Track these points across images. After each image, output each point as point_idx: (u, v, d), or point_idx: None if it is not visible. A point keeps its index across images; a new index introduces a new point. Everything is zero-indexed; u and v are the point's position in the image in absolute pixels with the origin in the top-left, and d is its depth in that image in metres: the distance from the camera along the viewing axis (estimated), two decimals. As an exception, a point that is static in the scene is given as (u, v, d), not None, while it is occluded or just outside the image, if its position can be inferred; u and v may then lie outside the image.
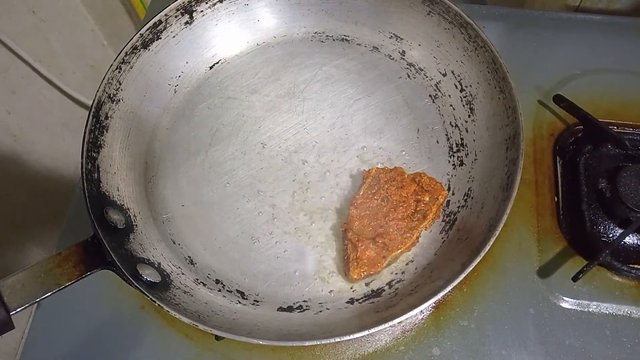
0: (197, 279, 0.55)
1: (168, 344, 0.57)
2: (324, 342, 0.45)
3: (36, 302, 0.45)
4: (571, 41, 0.75)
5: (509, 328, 0.56)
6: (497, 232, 0.48)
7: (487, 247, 0.48)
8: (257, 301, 0.54)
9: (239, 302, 0.54)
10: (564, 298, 0.57)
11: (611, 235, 0.60)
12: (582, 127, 0.67)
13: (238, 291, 0.55)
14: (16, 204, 1.02)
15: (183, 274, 0.55)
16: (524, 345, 0.55)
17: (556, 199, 0.63)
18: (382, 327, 0.45)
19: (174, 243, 0.58)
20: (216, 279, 0.56)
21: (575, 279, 0.54)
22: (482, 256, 0.47)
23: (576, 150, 0.65)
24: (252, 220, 0.59)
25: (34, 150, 1.05)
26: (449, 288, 0.46)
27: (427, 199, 0.56)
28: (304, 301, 0.54)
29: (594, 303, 0.57)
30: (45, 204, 1.10)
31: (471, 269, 0.47)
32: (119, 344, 0.58)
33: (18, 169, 1.02)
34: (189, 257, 0.57)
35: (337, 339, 0.45)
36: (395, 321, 0.45)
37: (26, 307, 0.45)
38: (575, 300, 0.57)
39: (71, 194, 0.68)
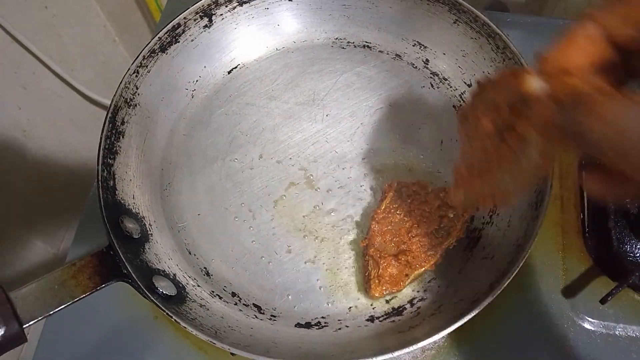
0: (213, 292, 0.54)
1: (181, 356, 0.56)
2: (345, 364, 0.44)
3: (50, 314, 0.44)
4: (597, 51, 0.73)
5: (532, 349, 0.54)
6: (527, 253, 0.47)
7: (517, 269, 0.46)
8: (274, 316, 0.53)
9: (256, 317, 0.53)
10: (590, 319, 0.55)
11: (638, 254, 0.58)
12: (609, 141, 0.65)
13: (255, 305, 0.54)
14: (24, 199, 1.02)
15: (199, 286, 0.54)
16: (547, 368, 0.53)
17: (582, 216, 0.61)
18: (406, 350, 0.44)
19: (190, 253, 0.56)
20: (232, 292, 0.54)
21: (603, 301, 0.53)
22: (510, 278, 0.46)
23: (602, 165, 0.63)
24: (269, 231, 0.57)
25: (44, 146, 1.04)
26: (475, 311, 0.44)
27: (451, 215, 0.54)
28: (322, 317, 0.53)
29: (621, 325, 0.55)
30: (53, 200, 1.09)
31: (500, 291, 0.45)
32: (130, 355, 0.56)
33: (27, 164, 1.01)
34: (205, 268, 0.56)
35: (359, 361, 0.44)
36: (419, 345, 0.44)
37: (39, 319, 0.44)
38: (601, 322, 0.55)
39: (79, 191, 0.67)
